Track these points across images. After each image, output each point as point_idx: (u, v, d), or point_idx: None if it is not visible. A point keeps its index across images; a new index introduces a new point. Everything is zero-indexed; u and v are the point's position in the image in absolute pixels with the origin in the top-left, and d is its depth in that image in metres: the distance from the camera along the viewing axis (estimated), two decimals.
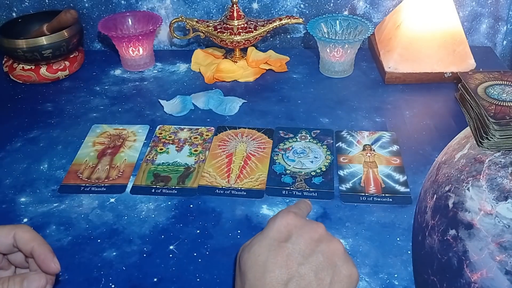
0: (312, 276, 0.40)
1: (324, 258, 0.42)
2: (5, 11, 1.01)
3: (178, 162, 0.72)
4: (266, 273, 0.40)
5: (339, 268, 0.42)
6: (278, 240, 0.42)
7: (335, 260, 0.42)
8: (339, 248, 0.43)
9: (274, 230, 0.43)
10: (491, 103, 0.54)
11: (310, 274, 0.40)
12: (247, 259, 0.42)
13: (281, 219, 0.44)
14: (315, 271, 0.41)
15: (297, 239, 0.42)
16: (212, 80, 0.91)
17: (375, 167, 0.70)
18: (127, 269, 0.56)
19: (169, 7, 1.00)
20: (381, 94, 0.87)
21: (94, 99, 0.88)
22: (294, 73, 0.94)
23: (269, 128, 0.79)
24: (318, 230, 0.44)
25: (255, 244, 0.42)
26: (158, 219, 0.63)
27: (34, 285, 0.40)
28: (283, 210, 0.46)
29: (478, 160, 0.48)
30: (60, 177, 0.70)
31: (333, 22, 0.94)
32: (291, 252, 0.41)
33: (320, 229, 0.44)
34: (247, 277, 0.41)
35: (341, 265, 0.42)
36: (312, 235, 0.43)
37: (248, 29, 0.90)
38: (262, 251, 0.41)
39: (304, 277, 0.40)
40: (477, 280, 0.41)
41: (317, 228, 0.44)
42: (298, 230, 0.43)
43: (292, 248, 0.42)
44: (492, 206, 0.42)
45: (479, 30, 1.00)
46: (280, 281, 0.40)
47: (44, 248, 0.43)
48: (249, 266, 0.41)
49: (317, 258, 0.42)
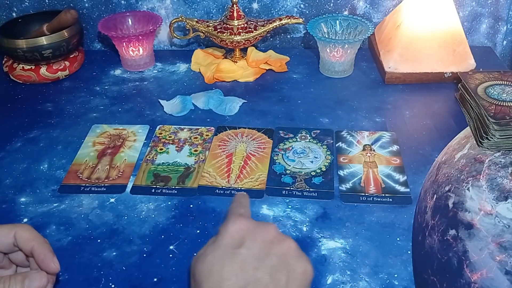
0: (267, 278, 0.41)
1: (278, 259, 0.42)
2: (5, 11, 1.01)
3: (178, 162, 0.72)
4: (222, 282, 0.40)
5: (293, 267, 0.42)
6: (231, 247, 0.42)
7: (289, 259, 0.43)
8: (291, 247, 0.44)
9: (227, 238, 0.43)
10: (491, 103, 0.54)
11: (265, 277, 0.41)
12: (202, 270, 0.41)
13: (233, 225, 0.44)
14: (270, 273, 0.41)
15: (251, 244, 0.43)
16: (212, 80, 0.91)
17: (375, 167, 0.70)
18: (127, 269, 0.56)
19: (169, 7, 1.00)
20: (381, 94, 0.87)
21: (94, 99, 0.88)
22: (294, 73, 0.94)
23: (269, 128, 0.79)
24: (270, 231, 0.44)
25: (209, 254, 0.42)
26: (158, 219, 0.63)
27: (35, 284, 0.40)
28: (232, 215, 0.46)
29: (478, 160, 0.48)
30: (60, 177, 0.70)
31: (333, 22, 0.94)
32: (246, 258, 0.42)
33: (272, 229, 0.45)
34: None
35: (294, 264, 0.43)
36: (265, 237, 0.44)
37: (248, 29, 0.90)
38: (216, 260, 0.41)
39: (260, 280, 0.41)
40: (477, 280, 0.41)
41: (269, 230, 0.44)
42: (251, 234, 0.43)
43: (246, 254, 0.42)
44: (492, 206, 0.42)
45: (479, 30, 1.00)
46: None
47: (44, 247, 0.43)
48: (205, 276, 0.41)
49: (271, 260, 0.42)
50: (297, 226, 0.61)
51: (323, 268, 0.56)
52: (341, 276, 0.55)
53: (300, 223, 0.61)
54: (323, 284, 0.54)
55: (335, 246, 0.58)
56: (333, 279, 0.54)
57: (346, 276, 0.55)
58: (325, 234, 0.60)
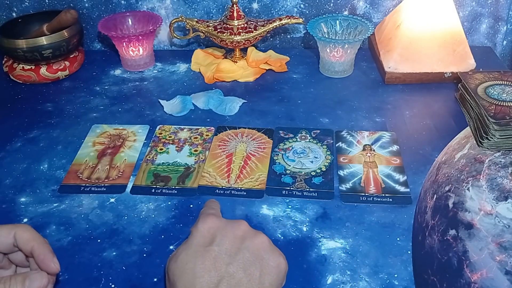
0: (241, 273, 0.41)
1: (250, 253, 0.43)
2: (5, 11, 1.01)
3: (178, 162, 0.72)
4: (196, 279, 0.40)
5: (266, 261, 0.43)
6: (203, 245, 0.43)
7: (261, 254, 0.43)
8: (263, 241, 0.44)
9: (198, 236, 0.44)
10: (491, 103, 0.54)
11: (239, 272, 0.41)
12: (175, 269, 0.42)
13: (203, 224, 0.44)
14: (243, 268, 0.42)
15: (221, 240, 0.43)
16: (212, 80, 0.91)
17: (375, 167, 0.70)
18: (127, 269, 0.56)
19: (169, 7, 1.00)
20: (381, 94, 0.87)
21: (94, 99, 0.88)
22: (294, 73, 0.94)
23: (269, 128, 0.79)
24: (240, 227, 0.45)
25: (181, 253, 0.43)
26: (158, 219, 0.63)
27: (36, 284, 0.40)
28: (202, 214, 0.47)
29: (478, 160, 0.48)
30: (60, 177, 0.70)
31: (333, 22, 0.94)
32: (218, 254, 0.42)
33: (243, 226, 0.45)
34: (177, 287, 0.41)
35: (267, 258, 0.43)
36: (235, 233, 0.44)
37: (248, 29, 0.90)
38: (189, 259, 0.42)
39: (233, 275, 0.41)
40: (477, 280, 0.41)
41: (240, 226, 0.45)
42: (221, 231, 0.44)
43: (218, 250, 0.42)
44: (492, 206, 0.42)
45: (479, 30, 1.00)
46: (210, 284, 0.40)
47: (44, 248, 0.43)
48: (178, 275, 0.41)
49: (243, 255, 0.42)
50: (297, 226, 0.61)
51: (323, 268, 0.56)
52: (341, 276, 0.55)
53: (300, 223, 0.61)
54: (323, 284, 0.54)
55: (335, 246, 0.58)
56: (333, 279, 0.54)
57: (346, 276, 0.55)
58: (325, 234, 0.60)
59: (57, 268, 0.42)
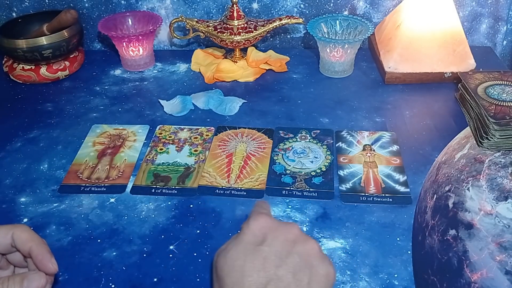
0: (290, 277, 0.40)
1: (300, 258, 0.42)
2: (5, 11, 1.01)
3: (178, 162, 0.72)
4: (244, 278, 0.40)
5: (315, 268, 0.42)
6: (253, 244, 0.42)
7: (312, 260, 0.42)
8: (315, 248, 0.43)
9: (249, 234, 0.43)
10: (491, 103, 0.54)
11: (288, 276, 0.40)
12: (224, 265, 0.41)
13: (255, 222, 0.44)
14: (293, 272, 0.41)
15: (272, 241, 0.42)
16: (212, 80, 0.91)
17: (375, 167, 0.70)
18: (127, 269, 0.56)
19: (169, 7, 1.00)
20: (381, 94, 0.87)
21: (94, 99, 0.88)
22: (294, 73, 0.94)
23: (269, 128, 0.79)
24: (292, 230, 0.44)
25: (231, 249, 0.42)
26: (158, 219, 0.63)
27: (34, 284, 0.40)
28: (254, 213, 0.46)
29: (478, 160, 0.48)
30: (60, 177, 0.70)
31: (333, 22, 0.94)
32: (268, 255, 0.41)
33: (295, 229, 0.44)
34: (225, 283, 0.41)
35: (317, 265, 0.42)
36: (287, 236, 0.43)
37: (248, 29, 0.90)
38: (239, 256, 0.41)
39: (282, 279, 0.40)
40: (477, 280, 0.41)
41: (292, 229, 0.44)
42: (273, 232, 0.43)
43: (268, 251, 0.42)
44: (492, 206, 0.42)
45: (479, 30, 1.00)
46: (258, 285, 0.40)
47: (42, 248, 0.43)
48: (227, 271, 0.41)
49: (293, 259, 0.41)
50: None
51: None
52: (341, 276, 0.55)
53: (300, 223, 0.61)
54: None
55: (335, 246, 0.58)
56: None
57: (346, 276, 0.55)
58: (325, 234, 0.60)
59: (55, 269, 0.42)
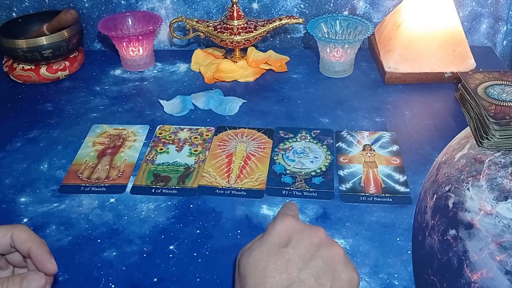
0: (312, 281, 0.40)
1: (324, 263, 0.41)
2: (5, 11, 1.01)
3: (178, 162, 0.72)
4: (266, 279, 0.40)
5: (339, 273, 0.41)
6: (278, 245, 0.42)
7: (335, 265, 0.42)
8: (339, 253, 0.43)
9: (274, 235, 0.43)
10: (491, 103, 0.54)
11: (310, 280, 0.40)
12: (247, 264, 0.41)
13: (281, 223, 0.43)
14: (316, 276, 0.40)
15: (297, 244, 0.42)
16: (212, 80, 0.91)
17: (375, 167, 0.70)
18: (127, 269, 0.56)
19: (169, 7, 1.00)
20: (381, 94, 0.87)
21: (94, 99, 0.88)
22: (294, 73, 0.94)
23: (269, 128, 0.79)
24: (318, 234, 0.44)
25: (255, 249, 0.42)
26: (158, 219, 0.63)
27: (34, 284, 0.40)
28: (280, 214, 0.46)
29: (478, 160, 0.48)
30: (60, 177, 0.70)
31: (333, 22, 0.94)
32: (291, 257, 0.41)
33: (320, 233, 0.44)
34: (246, 282, 0.40)
35: (341, 270, 0.42)
36: (312, 239, 0.43)
37: (248, 29, 0.90)
38: (262, 256, 0.41)
39: (304, 282, 0.40)
40: (477, 280, 0.41)
41: (317, 233, 0.44)
42: (298, 235, 0.43)
43: (292, 253, 0.41)
44: (492, 206, 0.42)
45: (479, 30, 1.00)
46: (280, 287, 0.39)
47: (41, 248, 0.42)
48: (249, 271, 0.41)
49: (317, 263, 0.41)
50: None
51: None
52: None
53: None
54: None
55: None
56: None
57: None
58: None
59: (55, 269, 0.42)
